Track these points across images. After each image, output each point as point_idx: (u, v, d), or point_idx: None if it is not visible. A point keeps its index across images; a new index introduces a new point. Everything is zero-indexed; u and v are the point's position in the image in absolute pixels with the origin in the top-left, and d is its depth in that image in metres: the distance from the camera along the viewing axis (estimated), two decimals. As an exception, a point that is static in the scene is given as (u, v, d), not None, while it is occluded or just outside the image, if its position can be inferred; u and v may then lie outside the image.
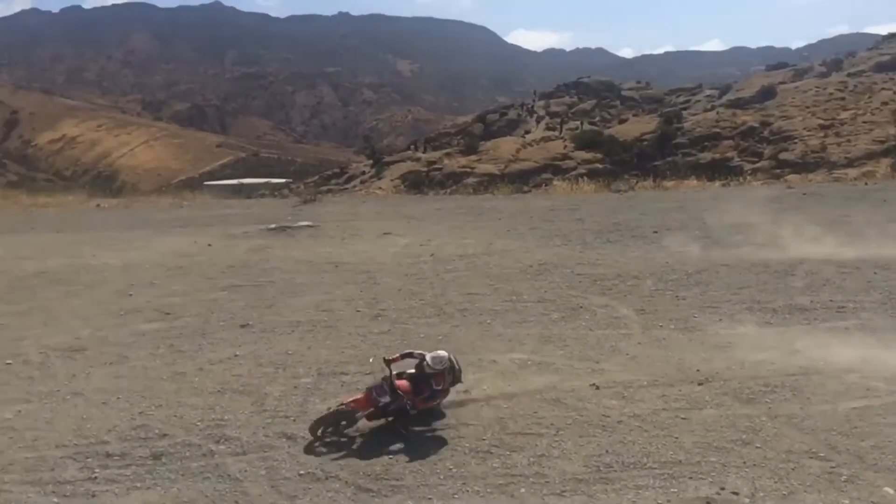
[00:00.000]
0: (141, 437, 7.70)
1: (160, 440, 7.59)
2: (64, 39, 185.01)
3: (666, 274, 14.15)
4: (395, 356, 7.97)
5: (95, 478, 6.78)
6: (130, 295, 14.19)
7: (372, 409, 7.55)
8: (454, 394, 8.43)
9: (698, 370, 9.10)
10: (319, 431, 7.48)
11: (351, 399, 7.62)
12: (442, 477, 6.59)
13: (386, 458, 6.99)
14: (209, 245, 19.48)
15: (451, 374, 7.85)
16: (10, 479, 6.84)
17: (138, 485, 6.65)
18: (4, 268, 17.19)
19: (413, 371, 7.85)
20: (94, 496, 6.46)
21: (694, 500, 6.13)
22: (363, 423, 7.63)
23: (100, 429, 7.94)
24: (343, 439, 7.46)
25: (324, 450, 7.26)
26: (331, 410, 7.70)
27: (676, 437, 7.24)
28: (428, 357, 7.74)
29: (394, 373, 7.72)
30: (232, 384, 9.24)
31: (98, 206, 34.47)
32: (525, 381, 8.87)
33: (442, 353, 7.88)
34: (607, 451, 6.98)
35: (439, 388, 7.73)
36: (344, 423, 7.53)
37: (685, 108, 65.79)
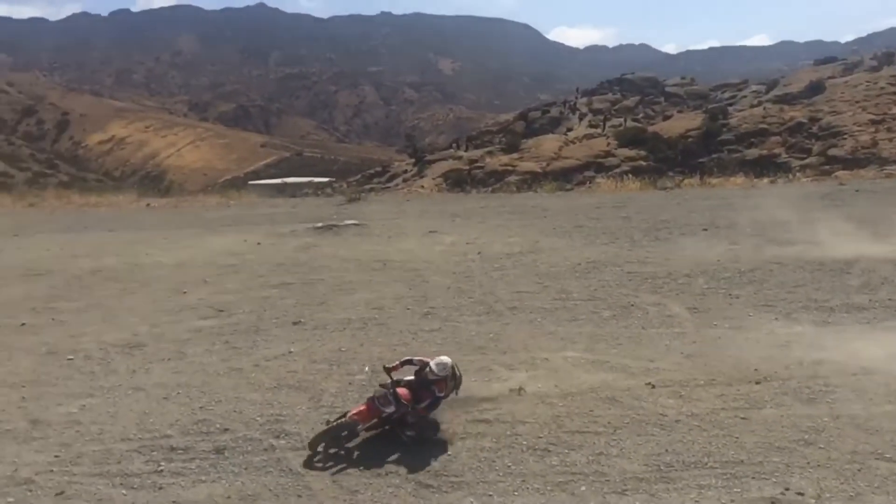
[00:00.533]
0: (203, 431, 7.86)
1: (222, 434, 7.74)
2: (113, 42, 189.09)
3: (718, 272, 13.98)
4: (394, 364, 7.76)
5: (161, 471, 6.95)
6: (184, 292, 14.44)
7: (376, 420, 7.34)
8: (508, 391, 8.49)
9: (756, 369, 8.98)
10: (320, 447, 7.20)
11: (354, 411, 7.37)
12: (501, 474, 6.62)
13: (444, 455, 7.03)
14: (258, 243, 19.74)
15: (452, 380, 7.64)
16: (79, 472, 7.03)
17: (203, 478, 6.79)
18: (62, 266, 17.62)
19: (411, 378, 7.63)
20: (160, 489, 6.61)
21: (758, 500, 6.06)
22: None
23: (162, 423, 8.12)
24: (342, 452, 7.17)
25: (321, 464, 7.01)
26: (332, 424, 7.35)
27: (737, 437, 7.16)
28: (432, 364, 7.53)
29: (393, 381, 7.51)
30: (288, 380, 9.37)
31: (148, 205, 35.13)
32: (579, 380, 8.85)
33: (445, 359, 7.68)
34: (667, 451, 6.94)
35: (441, 395, 7.53)
36: (345, 434, 7.26)
37: (731, 104, 64.75)
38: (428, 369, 7.52)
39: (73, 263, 17.93)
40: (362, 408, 7.37)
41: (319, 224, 22.39)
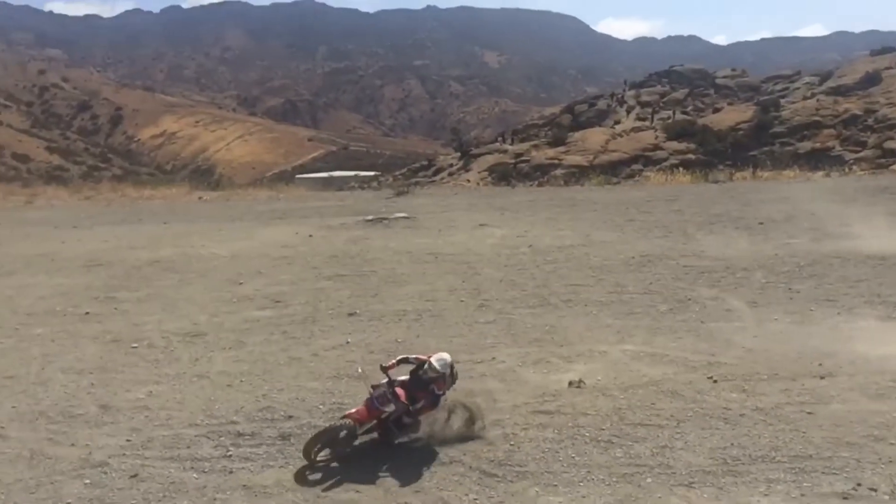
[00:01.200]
0: (268, 418, 8.00)
1: (286, 421, 7.87)
2: (164, 38, 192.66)
3: (776, 266, 13.76)
4: (391, 362, 7.40)
5: (230, 455, 7.10)
6: (240, 283, 14.70)
7: (375, 421, 7.02)
8: (567, 383, 8.49)
9: (820, 364, 8.83)
10: (314, 453, 6.81)
11: (353, 411, 7.00)
12: (565, 465, 6.62)
13: (507, 445, 7.06)
14: (310, 236, 19.98)
15: (451, 378, 7.32)
16: (150, 455, 7.22)
17: (271, 463, 6.92)
18: (120, 257, 18.06)
19: (405, 378, 7.27)
20: (230, 473, 6.76)
21: (829, 495, 5.97)
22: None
23: (228, 409, 8.29)
24: (340, 459, 6.86)
25: (318, 476, 6.66)
26: (325, 427, 6.99)
27: (804, 432, 7.05)
28: (433, 360, 7.18)
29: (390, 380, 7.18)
30: (347, 370, 9.48)
31: (200, 198, 35.78)
32: (639, 373, 8.80)
33: (445, 355, 7.33)
34: (732, 444, 6.87)
35: (441, 393, 7.18)
36: (343, 437, 6.87)
37: (783, 96, 63.34)
38: (427, 366, 7.17)
39: (131, 254, 18.36)
40: (360, 409, 7.00)
41: (370, 217, 22.57)
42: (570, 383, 8.47)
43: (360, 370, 7.90)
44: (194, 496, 6.38)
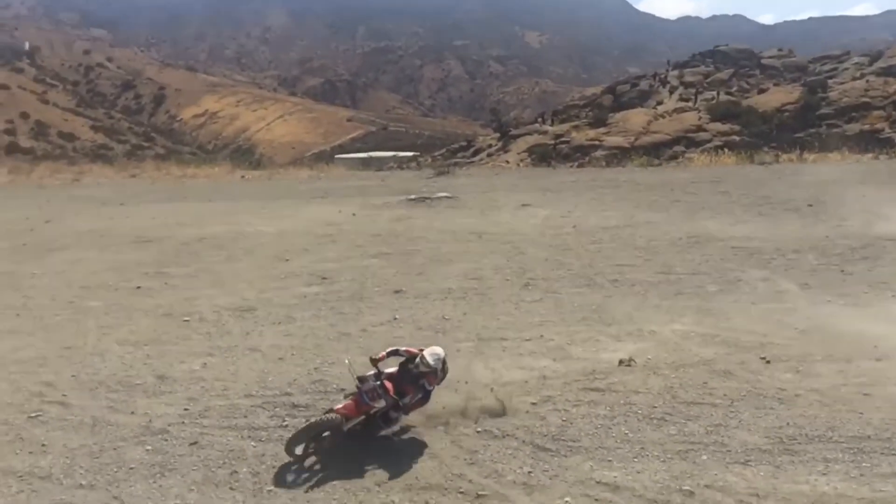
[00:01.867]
0: (320, 390, 8.13)
1: (338, 394, 7.94)
2: (205, 18, 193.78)
3: (828, 248, 13.53)
4: (380, 354, 7.09)
5: (286, 426, 7.23)
6: (287, 260, 14.87)
7: (364, 417, 6.69)
8: (617, 361, 8.47)
9: (875, 346, 8.69)
10: (299, 449, 6.51)
11: (340, 407, 6.64)
12: (619, 441, 6.63)
13: (559, 420, 7.09)
14: (353, 214, 20.11)
15: (442, 373, 7.01)
16: (208, 424, 7.39)
17: (325, 435, 7.02)
18: (168, 233, 18.37)
19: (393, 371, 7.00)
20: (275, 441, 6.88)
21: (890, 475, 5.90)
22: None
23: (281, 382, 8.43)
24: (324, 456, 6.53)
25: (299, 477, 6.33)
26: (310, 422, 6.62)
27: (861, 413, 6.97)
28: (427, 354, 6.85)
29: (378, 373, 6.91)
30: (396, 345, 9.54)
31: (242, 177, 36.19)
32: (690, 353, 8.75)
33: (439, 349, 7.01)
34: (788, 424, 6.81)
35: (431, 388, 6.88)
36: (328, 434, 6.55)
37: (831, 77, 61.82)
38: (418, 360, 6.84)
39: (178, 231, 18.66)
40: (349, 403, 6.66)
41: (412, 196, 22.63)
42: (621, 362, 8.46)
43: (347, 361, 7.36)
44: (253, 464, 6.52)
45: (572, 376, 8.16)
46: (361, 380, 6.80)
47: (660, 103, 60.87)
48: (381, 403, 6.65)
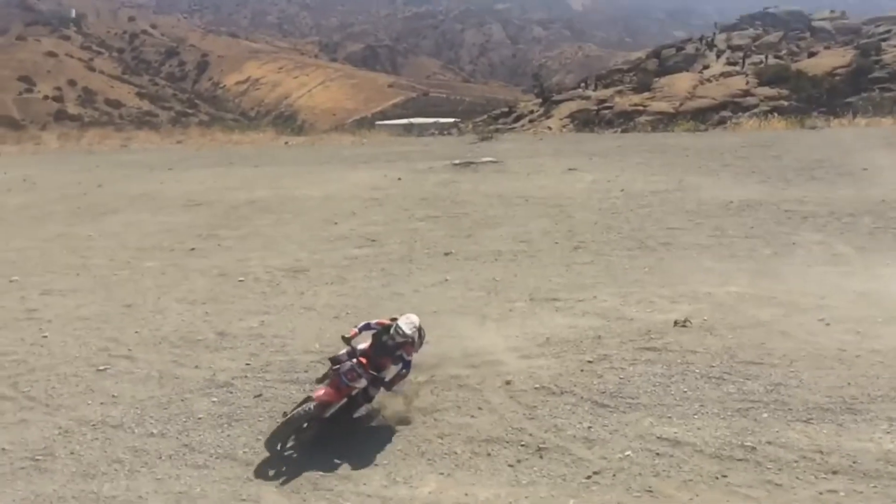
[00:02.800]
0: (377, 347, 8.24)
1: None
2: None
3: (885, 212, 13.23)
4: (352, 331, 6.69)
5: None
6: (335, 223, 15.01)
7: (346, 400, 6.37)
8: (673, 322, 8.45)
9: (938, 309, 8.54)
10: (279, 445, 6.17)
11: (319, 394, 6.28)
12: (677, 398, 6.65)
13: (616, 378, 7.13)
14: (399, 179, 20.14)
15: (418, 341, 6.74)
16: (271, 378, 7.58)
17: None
18: (218, 197, 18.62)
19: (365, 346, 6.62)
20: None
21: (956, 435, 5.85)
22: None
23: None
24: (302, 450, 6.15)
25: (275, 470, 5.97)
26: (289, 417, 6.20)
27: (925, 374, 6.88)
28: (401, 323, 6.53)
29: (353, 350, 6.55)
30: (449, 305, 9.67)
31: (286, 143, 36.39)
32: (746, 314, 8.69)
33: (414, 317, 6.72)
34: (849, 384, 6.76)
35: (410, 358, 6.56)
36: (308, 425, 6.19)
37: (885, 40, 59.87)
38: (393, 331, 6.50)
39: (227, 195, 18.91)
40: (328, 390, 6.31)
41: (457, 161, 22.56)
42: (676, 322, 8.43)
43: (317, 345, 7.11)
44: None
45: (627, 336, 8.17)
46: (334, 361, 6.49)
47: (706, 67, 59.63)
48: (361, 383, 6.33)
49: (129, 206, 18.01)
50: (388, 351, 6.54)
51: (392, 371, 6.54)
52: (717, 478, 5.43)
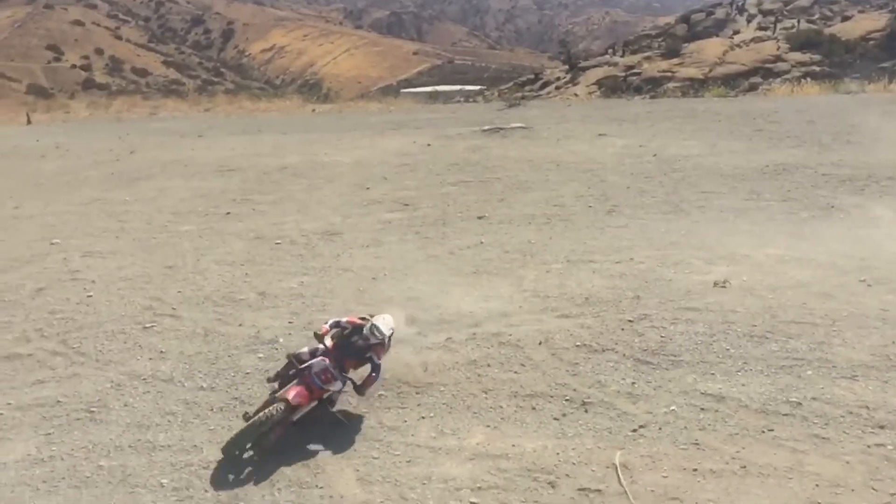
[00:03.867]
0: (418, 307, 8.33)
1: (435, 310, 8.18)
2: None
3: (925, 175, 13.06)
4: (323, 328, 6.20)
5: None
6: (367, 188, 15.07)
7: (316, 403, 5.84)
8: (712, 283, 8.45)
9: (981, 270, 8.46)
10: (237, 451, 5.53)
11: (291, 394, 5.63)
12: (720, 356, 6.68)
13: (658, 336, 7.16)
14: (428, 145, 20.13)
15: (388, 344, 6.23)
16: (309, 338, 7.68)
17: (429, 345, 7.26)
18: (249, 163, 18.74)
19: (328, 346, 6.05)
20: (396, 354, 7.13)
21: None
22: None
23: (378, 299, 8.67)
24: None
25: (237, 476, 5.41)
26: (253, 420, 5.50)
27: (971, 334, 6.85)
28: (379, 323, 6.09)
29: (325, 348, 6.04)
30: (485, 267, 9.72)
31: (313, 110, 36.46)
32: (786, 275, 8.66)
33: (389, 317, 6.32)
34: (894, 343, 6.75)
35: (380, 361, 6.08)
36: (271, 430, 5.51)
37: (922, 2, 58.44)
38: (367, 331, 6.05)
39: (259, 161, 19.02)
40: (299, 390, 5.68)
41: (486, 127, 22.49)
42: (715, 283, 8.43)
43: (280, 340, 6.69)
44: (362, 372, 6.78)
45: (666, 296, 8.19)
46: (297, 359, 5.91)
47: (736, 33, 58.67)
48: (336, 385, 5.83)
49: (162, 172, 18.18)
50: (356, 352, 6.04)
51: (358, 375, 6.04)
52: (763, 432, 5.47)
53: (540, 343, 7.13)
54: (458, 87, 61.03)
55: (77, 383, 6.88)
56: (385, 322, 6.18)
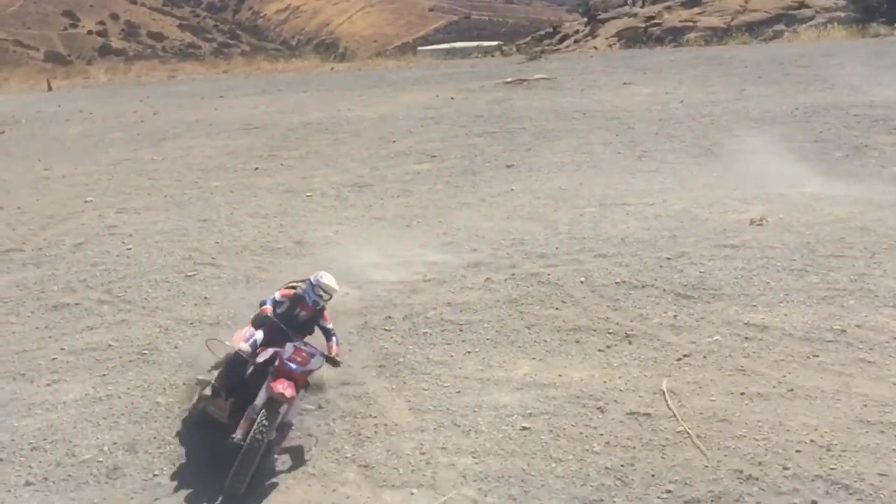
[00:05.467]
0: (453, 251, 8.43)
1: (471, 253, 8.27)
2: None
3: (960, 113, 12.86)
4: (265, 310, 5.46)
5: (429, 279, 7.58)
6: (393, 141, 15.06)
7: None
8: (749, 221, 8.44)
9: None
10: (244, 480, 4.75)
11: (278, 390, 4.88)
12: (761, 289, 6.71)
13: (697, 272, 7.19)
14: (451, 98, 20.02)
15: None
16: (354, 280, 7.79)
17: (469, 285, 7.35)
18: (273, 121, 18.76)
19: (257, 337, 5.37)
20: (435, 293, 7.25)
21: None
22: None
23: (413, 244, 8.78)
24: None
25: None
26: (249, 442, 4.75)
27: None
28: (322, 280, 5.42)
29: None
30: (518, 212, 9.75)
31: (332, 69, 36.33)
32: (822, 212, 8.64)
33: (326, 273, 5.58)
34: (936, 272, 6.75)
35: (331, 326, 5.53)
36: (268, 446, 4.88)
37: (952, -58, 56.78)
38: (314, 292, 5.40)
39: (282, 118, 19.02)
40: (282, 381, 4.95)
41: (509, 79, 22.32)
42: (752, 221, 8.43)
43: (207, 343, 5.79)
44: (404, 310, 6.92)
45: (703, 235, 8.20)
46: (250, 355, 5.20)
47: (758, -21, 57.33)
48: (317, 361, 5.17)
49: (187, 131, 18.24)
50: (304, 326, 5.42)
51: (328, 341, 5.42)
52: (808, 357, 5.52)
53: (580, 281, 7.18)
54: (475, 44, 60.22)
55: (126, 328, 7.04)
56: (327, 276, 5.46)
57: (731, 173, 10.68)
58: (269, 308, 5.43)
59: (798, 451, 4.49)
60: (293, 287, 5.61)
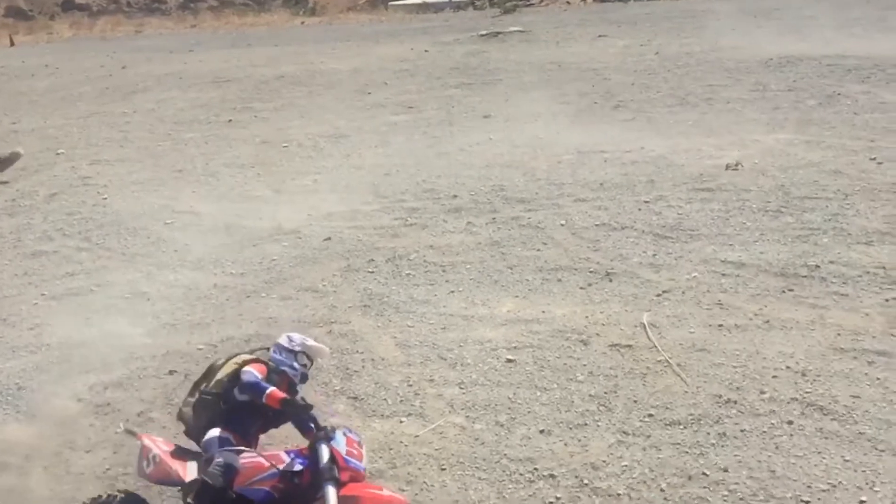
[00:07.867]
0: (433, 197, 8.46)
1: (451, 200, 8.31)
2: None
3: (931, 63, 13.03)
4: (257, 367, 3.75)
5: (412, 224, 7.64)
6: (369, 93, 14.96)
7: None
8: (724, 166, 8.56)
9: None
10: None
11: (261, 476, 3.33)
12: (737, 229, 6.85)
13: (674, 214, 7.31)
14: (426, 51, 19.86)
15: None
16: (335, 225, 7.83)
17: (451, 229, 7.41)
18: (245, 74, 18.51)
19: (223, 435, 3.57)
20: (402, 236, 7.30)
21: None
22: None
23: (394, 191, 8.79)
24: None
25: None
26: None
27: (980, 203, 7.01)
28: (307, 343, 3.90)
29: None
30: (497, 160, 9.78)
31: (302, 23, 35.77)
32: (796, 157, 8.78)
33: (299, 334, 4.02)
34: (907, 212, 6.91)
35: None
36: None
37: None
38: (300, 360, 3.82)
39: (254, 71, 18.77)
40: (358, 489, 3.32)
41: (483, 32, 22.19)
42: (727, 166, 8.55)
43: (122, 426, 4.50)
44: (386, 253, 6.98)
45: (680, 179, 8.31)
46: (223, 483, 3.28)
47: (732, -67, 57.04)
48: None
49: (158, 84, 17.94)
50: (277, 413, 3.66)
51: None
52: (783, 291, 5.66)
53: (560, 224, 7.27)
54: (447, -1, 59.34)
55: (107, 274, 7.02)
56: (309, 339, 4.00)
57: (706, 121, 10.79)
58: (277, 392, 3.55)
59: (774, 377, 4.63)
60: (257, 361, 3.83)
